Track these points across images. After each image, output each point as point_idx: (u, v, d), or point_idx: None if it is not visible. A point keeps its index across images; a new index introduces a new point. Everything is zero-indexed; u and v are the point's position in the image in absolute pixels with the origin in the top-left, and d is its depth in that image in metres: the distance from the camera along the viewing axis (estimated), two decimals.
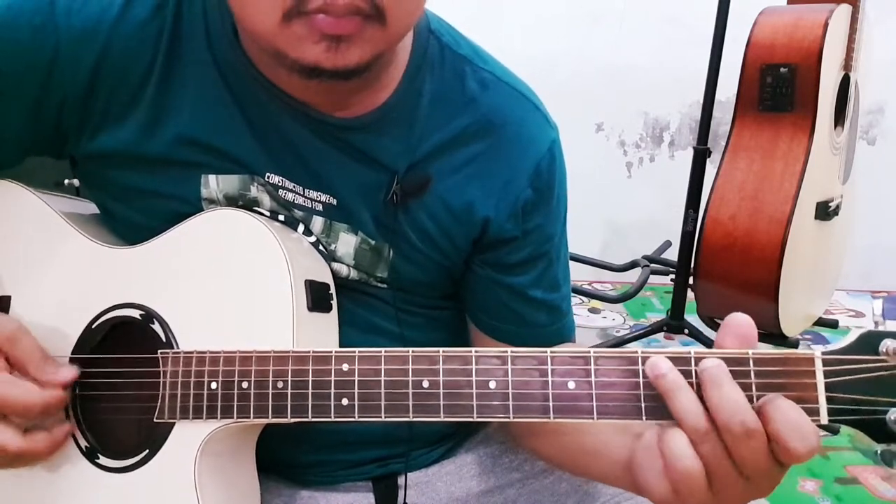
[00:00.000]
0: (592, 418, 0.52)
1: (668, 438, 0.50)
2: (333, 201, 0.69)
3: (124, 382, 0.64)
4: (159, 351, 0.62)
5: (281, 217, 0.69)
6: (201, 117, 0.66)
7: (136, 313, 0.65)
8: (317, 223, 0.69)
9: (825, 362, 0.49)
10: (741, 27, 1.79)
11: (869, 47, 1.92)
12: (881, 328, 0.49)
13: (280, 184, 0.68)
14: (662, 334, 2.10)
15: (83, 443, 0.65)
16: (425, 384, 0.55)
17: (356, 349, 0.57)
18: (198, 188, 0.67)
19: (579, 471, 0.73)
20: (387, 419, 0.56)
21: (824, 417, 0.49)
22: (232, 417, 0.60)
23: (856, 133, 2.04)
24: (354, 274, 0.71)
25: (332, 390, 0.57)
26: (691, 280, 1.92)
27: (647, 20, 2.60)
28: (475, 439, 0.84)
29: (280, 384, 0.58)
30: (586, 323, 2.46)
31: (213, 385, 0.60)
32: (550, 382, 0.53)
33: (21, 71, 0.63)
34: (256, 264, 0.64)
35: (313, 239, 0.70)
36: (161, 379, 0.62)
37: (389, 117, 0.67)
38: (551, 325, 0.76)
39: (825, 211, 1.81)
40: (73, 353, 0.66)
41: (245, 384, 0.59)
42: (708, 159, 1.95)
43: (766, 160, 1.74)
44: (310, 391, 0.57)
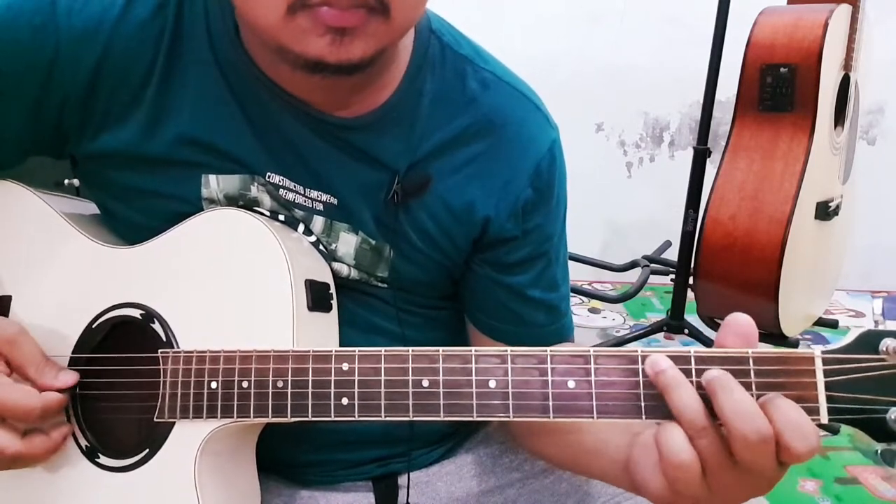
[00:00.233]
0: (592, 417, 0.52)
1: (665, 433, 0.50)
2: (334, 201, 0.69)
3: (124, 382, 0.64)
4: (159, 350, 0.62)
5: (281, 217, 0.69)
6: (202, 117, 0.66)
7: (137, 313, 0.65)
8: (317, 223, 0.69)
9: (825, 361, 0.49)
10: (741, 27, 1.79)
11: (869, 47, 1.92)
12: (881, 327, 0.49)
13: (281, 183, 0.68)
14: (662, 334, 2.10)
15: (83, 442, 0.66)
16: (425, 383, 0.55)
17: (356, 348, 0.57)
18: (198, 188, 0.67)
19: (579, 470, 0.73)
20: (387, 419, 0.56)
21: (824, 417, 0.49)
22: (232, 417, 0.60)
23: (856, 133, 2.04)
24: (355, 274, 0.71)
25: (332, 390, 0.57)
26: (691, 280, 1.92)
27: (647, 20, 2.60)
28: (475, 439, 0.84)
29: (280, 383, 0.58)
30: (586, 323, 2.46)
31: (214, 384, 0.60)
32: (550, 382, 0.53)
33: (21, 71, 0.63)
34: (257, 264, 0.64)
35: (313, 238, 0.70)
36: (161, 378, 0.62)
37: (390, 117, 0.67)
38: (550, 325, 0.76)
39: (825, 211, 1.81)
40: (74, 353, 0.66)
41: (245, 383, 0.59)
42: (708, 159, 1.95)
43: (766, 160, 1.74)
44: (310, 390, 0.57)
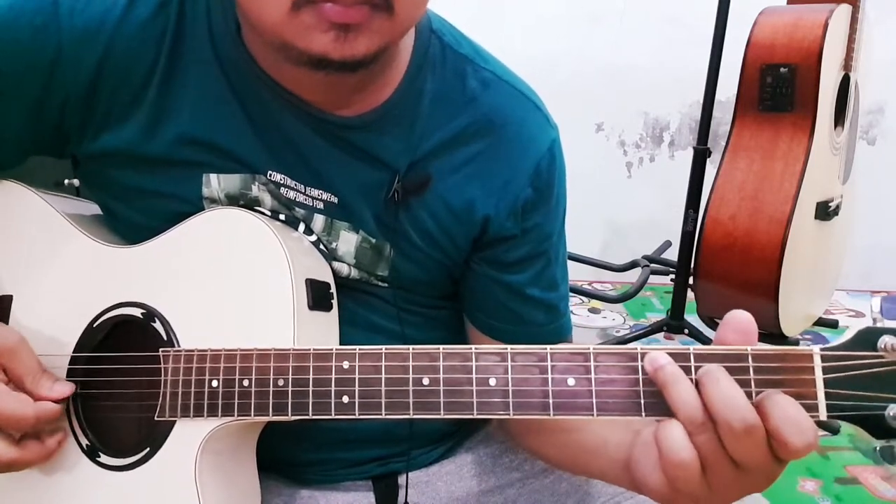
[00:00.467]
0: (592, 415, 0.52)
1: (665, 430, 0.50)
2: (335, 200, 0.69)
3: (125, 381, 0.65)
4: (160, 349, 0.63)
5: (282, 216, 0.69)
6: (203, 116, 0.66)
7: (138, 312, 0.65)
8: (318, 222, 0.70)
9: (824, 358, 0.49)
10: (741, 27, 1.80)
11: (869, 47, 1.92)
12: (879, 325, 0.49)
13: (282, 182, 0.68)
14: (662, 334, 2.11)
15: (84, 441, 0.66)
16: (425, 381, 0.55)
17: (356, 347, 0.57)
18: (199, 188, 0.68)
19: (579, 470, 0.73)
20: (387, 416, 0.56)
21: (823, 413, 0.49)
22: (233, 415, 0.60)
23: (856, 133, 2.04)
24: (355, 273, 0.71)
25: (333, 388, 0.57)
26: (691, 280, 1.92)
27: (647, 20, 2.60)
28: (475, 439, 0.84)
29: (281, 382, 0.58)
30: (586, 323, 2.46)
31: (214, 383, 0.60)
32: (550, 379, 0.53)
33: (22, 71, 0.63)
34: (257, 263, 0.64)
35: (314, 238, 0.70)
36: (162, 377, 0.62)
37: (391, 116, 0.67)
38: (549, 325, 0.76)
39: (825, 211, 1.81)
40: (75, 352, 0.66)
41: (246, 382, 0.59)
42: (708, 159, 1.95)
43: (766, 160, 1.74)
44: (310, 389, 0.57)
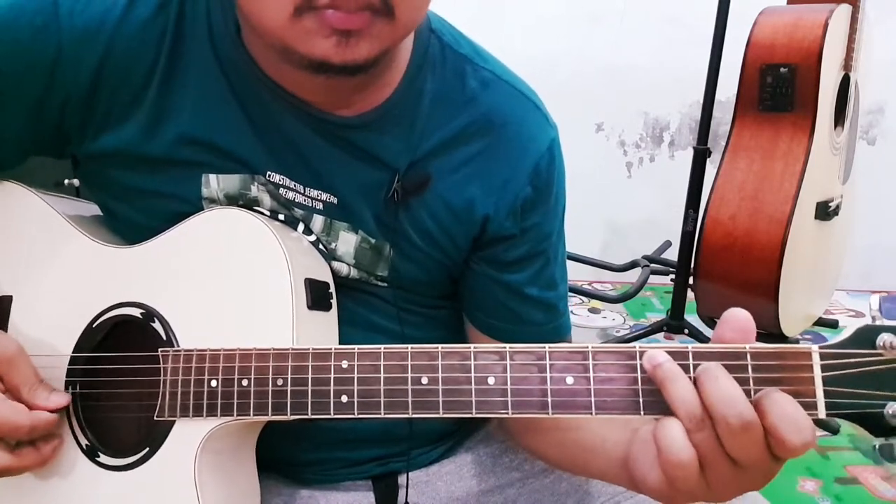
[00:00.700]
0: (591, 413, 0.52)
1: (663, 428, 0.50)
2: (334, 200, 0.69)
3: (125, 381, 0.65)
4: (160, 349, 0.63)
5: (281, 216, 0.69)
6: (203, 116, 0.66)
7: (137, 312, 0.65)
8: (317, 222, 0.70)
9: (822, 356, 0.49)
10: (741, 27, 1.80)
11: (869, 47, 1.92)
12: (878, 323, 0.49)
13: (281, 182, 0.68)
14: (662, 334, 2.11)
15: (83, 441, 0.66)
16: (424, 381, 0.55)
17: (355, 346, 0.57)
18: (198, 188, 0.68)
19: (578, 469, 0.73)
20: (386, 416, 0.56)
21: (822, 412, 0.49)
22: (232, 415, 0.60)
23: (856, 133, 2.04)
24: (355, 273, 0.71)
25: (332, 387, 0.57)
26: (691, 280, 1.92)
27: (647, 20, 2.60)
28: (475, 438, 0.84)
29: (280, 381, 0.58)
30: (586, 323, 2.46)
31: (213, 383, 0.60)
32: (549, 378, 0.53)
33: (22, 71, 0.63)
34: (256, 263, 0.64)
35: (313, 238, 0.70)
36: (161, 377, 0.62)
37: (391, 115, 0.67)
38: (548, 324, 0.76)
39: (825, 211, 1.81)
40: (74, 352, 0.66)
41: (245, 382, 0.59)
42: (708, 159, 1.95)
43: (766, 160, 1.74)
44: (309, 388, 0.57)
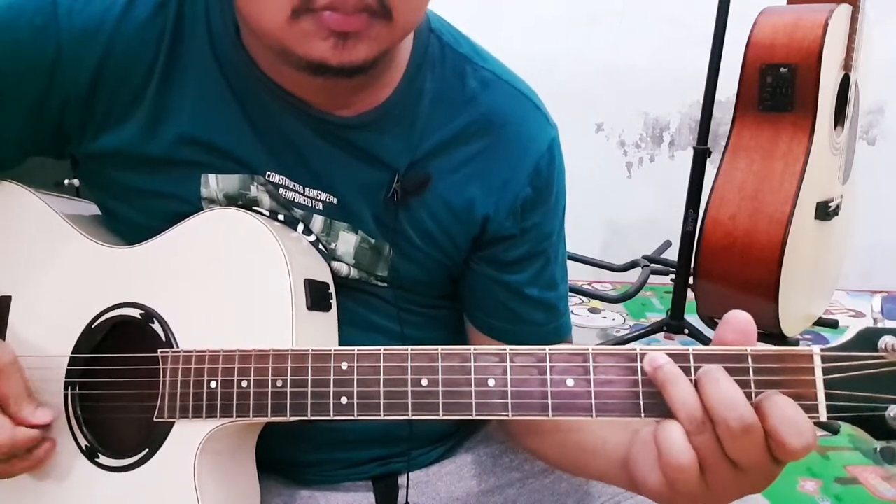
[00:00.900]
0: (591, 415, 0.52)
1: (664, 431, 0.50)
2: (334, 200, 0.69)
3: (124, 381, 0.64)
4: (159, 350, 0.63)
5: (280, 216, 0.69)
6: (202, 117, 0.66)
7: (136, 313, 0.65)
8: (317, 222, 0.69)
9: (824, 359, 0.49)
10: (741, 27, 1.80)
11: (869, 47, 1.92)
12: (880, 325, 0.49)
13: (280, 182, 0.68)
14: (662, 334, 2.10)
15: (83, 442, 0.66)
16: (424, 382, 0.55)
17: (355, 348, 0.57)
18: (198, 188, 0.68)
19: (578, 470, 0.73)
20: (386, 418, 0.56)
21: (823, 414, 0.49)
22: (231, 416, 0.60)
23: (856, 133, 2.04)
24: (354, 273, 0.71)
25: (332, 389, 0.57)
26: (691, 280, 1.92)
27: (647, 20, 2.60)
28: (475, 439, 0.84)
29: (279, 383, 0.58)
30: (586, 323, 2.46)
31: (213, 384, 0.60)
32: (549, 380, 0.53)
33: (22, 71, 0.63)
34: (256, 263, 0.64)
35: (313, 238, 0.70)
36: (161, 378, 0.62)
37: (390, 115, 0.67)
38: (548, 324, 0.76)
39: (825, 211, 1.81)
40: (74, 353, 0.66)
41: (244, 383, 0.59)
42: (708, 159, 1.95)
43: (766, 160, 1.74)
44: (309, 390, 0.57)
